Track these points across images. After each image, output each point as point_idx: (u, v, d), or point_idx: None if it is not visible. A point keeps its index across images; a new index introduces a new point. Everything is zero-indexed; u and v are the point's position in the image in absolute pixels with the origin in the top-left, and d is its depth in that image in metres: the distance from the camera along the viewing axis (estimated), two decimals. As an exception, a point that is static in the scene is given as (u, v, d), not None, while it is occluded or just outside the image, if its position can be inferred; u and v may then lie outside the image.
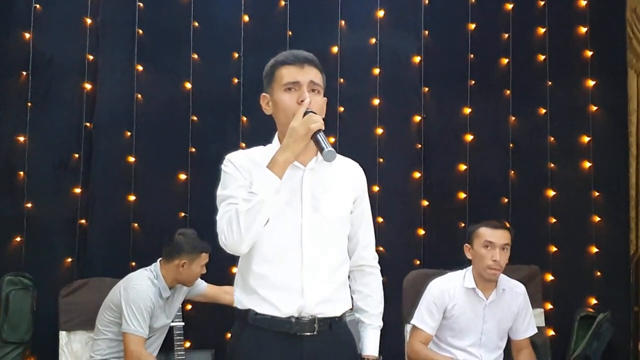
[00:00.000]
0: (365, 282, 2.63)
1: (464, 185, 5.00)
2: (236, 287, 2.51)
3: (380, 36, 4.97)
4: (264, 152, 2.50)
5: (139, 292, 3.80)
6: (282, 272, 2.39)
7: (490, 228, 3.76)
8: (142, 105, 4.66)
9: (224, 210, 2.36)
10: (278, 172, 2.30)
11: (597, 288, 5.11)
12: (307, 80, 2.42)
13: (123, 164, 4.61)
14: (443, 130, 5.04)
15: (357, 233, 2.59)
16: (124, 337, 3.79)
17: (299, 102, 2.38)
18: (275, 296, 2.38)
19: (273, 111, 2.51)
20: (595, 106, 5.22)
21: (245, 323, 2.43)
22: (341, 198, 2.51)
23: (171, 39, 4.75)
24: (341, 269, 2.51)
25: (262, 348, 2.39)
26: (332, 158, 2.29)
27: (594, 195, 5.18)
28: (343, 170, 2.55)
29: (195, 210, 4.67)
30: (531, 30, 5.22)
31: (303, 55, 2.47)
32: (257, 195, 2.27)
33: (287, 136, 2.33)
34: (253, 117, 4.77)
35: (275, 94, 2.47)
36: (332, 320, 2.45)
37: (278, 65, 2.48)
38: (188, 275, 3.95)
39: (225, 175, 2.46)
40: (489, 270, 3.71)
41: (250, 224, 2.27)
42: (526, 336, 3.92)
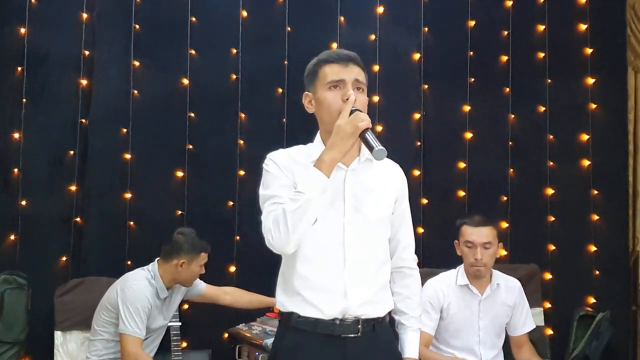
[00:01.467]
0: (405, 284, 2.60)
1: (464, 184, 4.97)
2: (278, 288, 2.49)
3: (379, 33, 4.92)
4: (305, 151, 2.48)
5: (136, 293, 3.75)
6: (325, 274, 2.38)
7: (471, 226, 3.75)
8: (139, 101, 4.60)
9: (268, 210, 2.33)
10: (325, 171, 2.28)
11: (595, 287, 5.10)
12: (352, 78, 2.39)
13: (119, 161, 4.55)
14: (442, 127, 5.01)
15: (397, 234, 2.56)
16: (121, 338, 3.74)
17: (344, 100, 2.35)
18: (319, 298, 2.37)
19: (316, 110, 2.46)
20: (595, 104, 5.19)
21: (288, 326, 2.42)
22: (383, 199, 2.48)
23: (168, 34, 4.69)
24: (383, 270, 2.49)
25: (306, 350, 2.38)
26: (382, 156, 2.26)
27: (593, 194, 5.15)
28: (384, 171, 2.53)
29: (192, 208, 4.63)
30: (531, 28, 5.19)
31: (346, 53, 2.45)
32: (304, 195, 2.24)
33: (333, 134, 2.30)
34: (251, 114, 4.74)
35: (319, 92, 2.42)
36: (375, 321, 2.43)
37: (321, 64, 2.44)
38: (187, 275, 3.90)
39: (267, 175, 2.43)
40: (472, 268, 3.72)
41: (297, 223, 2.24)
42: (524, 332, 3.90)
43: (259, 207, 4.71)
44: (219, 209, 4.67)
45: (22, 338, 4.23)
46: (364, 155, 2.46)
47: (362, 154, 2.46)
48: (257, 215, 4.70)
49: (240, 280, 4.62)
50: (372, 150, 2.26)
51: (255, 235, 4.62)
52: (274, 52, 4.79)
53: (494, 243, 3.75)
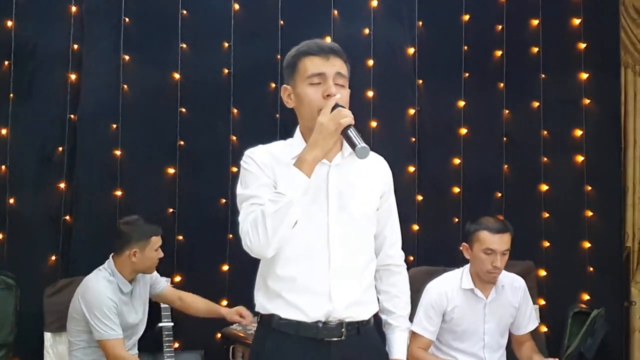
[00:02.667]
0: (392, 282, 2.51)
1: (459, 180, 4.92)
2: (257, 291, 2.40)
3: (373, 27, 4.84)
4: (285, 148, 2.39)
5: (96, 296, 3.65)
6: (309, 275, 2.28)
7: (492, 233, 3.58)
8: (129, 96, 4.49)
9: (247, 212, 2.24)
10: (307, 171, 2.18)
11: (590, 284, 5.07)
12: (333, 72, 2.29)
13: (109, 158, 4.45)
14: (437, 123, 4.95)
15: (383, 230, 2.48)
16: (101, 345, 3.65)
17: (325, 96, 2.25)
18: (302, 300, 2.28)
19: (295, 105, 2.37)
20: (589, 99, 5.16)
21: (269, 328, 2.32)
22: (368, 195, 2.40)
23: (159, 28, 4.59)
24: (368, 269, 2.41)
25: (288, 354, 2.29)
26: (365, 155, 2.17)
27: (587, 190, 5.12)
28: (369, 165, 2.42)
29: (184, 206, 4.54)
30: (525, 22, 5.13)
31: (328, 45, 2.35)
32: (284, 196, 2.15)
33: (315, 132, 2.19)
34: (244, 109, 4.66)
35: (299, 87, 2.33)
36: (360, 324, 2.35)
37: (301, 56, 2.34)
38: (144, 262, 3.78)
39: (246, 173, 2.33)
40: (489, 275, 3.60)
41: (277, 226, 2.15)
42: (527, 330, 3.84)
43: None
44: (211, 206, 4.58)
45: (11, 340, 4.13)
46: (347, 149, 2.35)
47: (345, 148, 2.35)
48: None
49: (233, 279, 4.54)
50: (354, 148, 2.17)
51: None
52: (267, 46, 4.69)
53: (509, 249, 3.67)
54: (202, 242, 4.56)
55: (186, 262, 4.49)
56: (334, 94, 2.25)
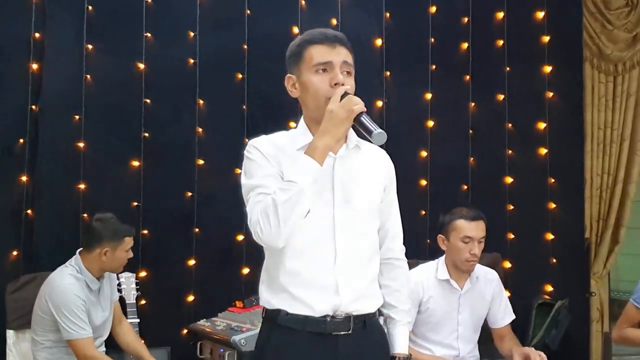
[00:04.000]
0: (393, 276, 2.48)
1: (426, 172, 4.92)
2: (262, 285, 2.36)
3: (341, 17, 4.81)
4: (289, 138, 2.34)
5: (64, 294, 3.54)
6: (315, 269, 2.25)
7: (468, 221, 3.62)
8: (92, 87, 4.36)
9: (255, 201, 2.19)
10: (318, 158, 2.14)
11: (553, 275, 5.14)
12: (340, 61, 2.25)
13: (72, 150, 4.32)
14: (405, 115, 4.93)
15: (385, 223, 2.45)
16: (71, 345, 3.55)
17: (332, 85, 2.21)
18: (309, 295, 2.25)
19: (300, 94, 2.31)
20: (552, 92, 5.21)
21: (274, 324, 2.28)
22: (372, 188, 2.37)
23: (123, 17, 4.46)
24: (373, 263, 2.38)
25: (295, 350, 2.26)
26: (383, 140, 2.12)
27: (550, 182, 5.18)
28: (372, 158, 2.41)
29: (149, 199, 4.44)
30: (490, 15, 5.16)
31: (333, 33, 2.30)
32: (296, 184, 2.11)
33: (325, 120, 2.15)
34: (210, 100, 4.58)
35: (304, 76, 2.27)
36: (366, 317, 2.33)
37: (306, 45, 2.29)
38: (113, 262, 3.69)
39: (250, 163, 2.28)
40: (467, 263, 3.62)
41: (289, 215, 2.11)
42: (505, 323, 3.85)
43: (219, 197, 4.60)
44: (177, 200, 4.50)
45: (-29, 338, 3.99)
46: (351, 141, 2.33)
47: (350, 140, 2.33)
48: (217, 206, 4.59)
49: (199, 273, 4.48)
50: (370, 134, 2.12)
51: (216, 227, 4.56)
52: (233, 36, 4.62)
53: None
54: (167, 237, 4.46)
55: (151, 257, 4.40)
56: (342, 82, 2.21)
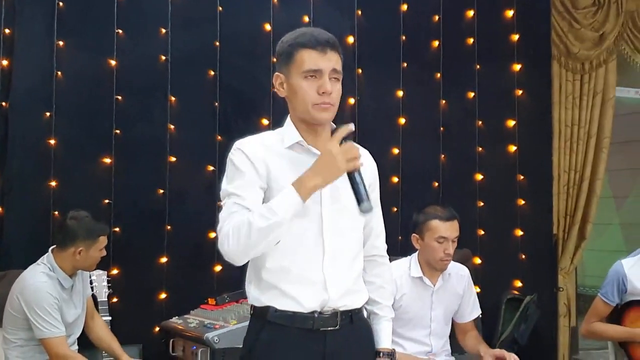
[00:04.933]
0: (377, 273, 2.50)
1: (397, 170, 4.95)
2: (249, 283, 2.36)
3: (313, 15, 4.81)
4: (276, 137, 2.34)
5: (36, 292, 3.50)
6: (304, 265, 2.27)
7: (443, 221, 3.63)
8: (63, 83, 4.32)
9: (229, 210, 2.19)
10: (304, 196, 2.15)
11: (522, 271, 5.21)
12: (329, 68, 2.25)
13: (42, 147, 4.27)
14: (376, 113, 4.96)
15: (370, 221, 2.46)
16: (44, 344, 3.51)
17: (320, 93, 2.22)
18: (298, 291, 2.26)
19: (288, 95, 2.31)
20: (521, 90, 5.27)
21: (264, 320, 2.29)
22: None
23: (94, 13, 4.42)
24: (358, 259, 2.40)
25: (284, 346, 2.27)
26: (368, 212, 2.20)
27: (519, 179, 5.25)
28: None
29: (120, 197, 4.41)
30: (461, 13, 5.21)
31: (325, 38, 2.28)
32: (276, 215, 2.11)
33: (321, 160, 2.16)
34: (182, 97, 4.56)
35: (293, 79, 2.27)
36: (353, 312, 2.35)
37: (298, 47, 2.27)
38: (86, 261, 3.65)
39: (233, 167, 2.27)
40: (441, 262, 3.65)
41: (260, 241, 2.12)
42: (471, 319, 3.89)
43: (191, 194, 4.58)
44: (149, 197, 4.47)
45: (-60, 337, 3.94)
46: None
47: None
48: (189, 203, 4.58)
49: (171, 271, 4.46)
50: (359, 202, 2.18)
51: (187, 225, 4.54)
52: (205, 32, 4.61)
53: None
54: (139, 234, 4.44)
55: (123, 254, 4.36)
56: (329, 91, 2.23)
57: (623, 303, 3.80)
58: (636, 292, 3.73)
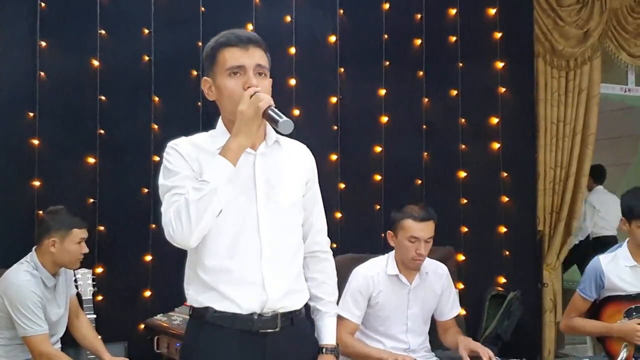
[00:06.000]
0: (320, 269, 2.52)
1: (380, 167, 4.99)
2: (188, 284, 2.36)
3: (295, 14, 4.84)
4: (208, 139, 2.35)
5: (20, 290, 3.52)
6: (241, 265, 2.26)
7: (416, 221, 3.62)
8: (46, 83, 4.35)
9: (170, 202, 2.21)
10: (232, 158, 2.17)
11: (506, 267, 5.25)
12: (253, 64, 2.26)
13: (26, 147, 4.30)
14: (359, 111, 4.99)
15: (309, 217, 2.48)
16: (27, 342, 3.53)
17: (245, 88, 2.22)
18: (236, 292, 2.26)
19: (217, 97, 2.33)
20: (504, 88, 5.31)
21: (202, 321, 2.29)
22: (294, 182, 2.40)
23: (76, 13, 4.43)
24: (298, 258, 2.41)
25: (223, 347, 2.28)
26: (289, 128, 2.14)
27: (503, 176, 5.29)
28: (293, 153, 2.43)
29: (104, 196, 4.43)
30: (443, 11, 5.24)
31: (246, 35, 2.30)
32: (208, 184, 2.13)
33: (237, 121, 2.18)
34: (165, 97, 4.58)
35: (219, 79, 2.29)
36: (293, 314, 2.36)
37: (219, 47, 2.28)
38: (63, 255, 3.64)
39: (168, 165, 2.29)
40: (413, 262, 3.66)
41: (201, 214, 2.13)
42: (451, 316, 3.90)
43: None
44: (133, 196, 4.49)
45: None
46: (271, 138, 2.36)
47: (269, 136, 2.36)
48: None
49: (156, 269, 4.49)
50: (277, 123, 2.15)
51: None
52: (188, 33, 4.62)
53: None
54: (123, 233, 4.47)
55: (107, 253, 4.40)
56: (254, 85, 2.23)
57: (601, 299, 3.84)
58: (613, 288, 3.76)
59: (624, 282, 3.75)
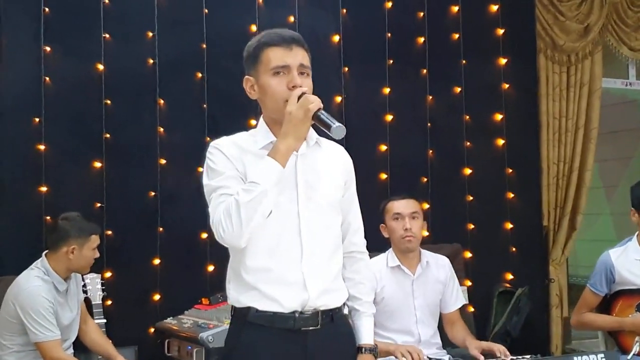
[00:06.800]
0: (356, 269, 2.53)
1: (385, 166, 4.98)
2: (229, 283, 2.39)
3: (298, 15, 4.84)
4: (250, 138, 2.38)
5: (31, 296, 3.51)
6: (282, 265, 2.29)
7: (396, 200, 3.80)
8: (51, 88, 4.34)
9: (217, 202, 2.23)
10: (281, 160, 2.19)
11: (513, 263, 5.25)
12: (297, 63, 2.28)
13: (32, 153, 4.29)
14: (363, 110, 4.99)
15: (347, 217, 2.49)
16: (39, 348, 3.53)
17: (290, 88, 2.25)
18: (277, 291, 2.28)
19: (259, 96, 2.35)
20: (507, 84, 5.32)
21: (244, 321, 2.31)
22: (333, 183, 2.42)
23: (80, 18, 4.43)
24: (337, 257, 2.42)
25: (265, 346, 2.29)
26: (342, 134, 2.17)
27: (508, 172, 5.29)
28: (332, 154, 2.46)
29: (112, 200, 4.42)
30: (445, 9, 5.24)
31: (290, 35, 2.33)
32: (258, 186, 2.15)
33: (285, 123, 2.20)
34: (170, 100, 4.58)
35: (262, 78, 2.31)
36: (333, 312, 2.37)
37: (263, 47, 2.31)
38: (80, 261, 3.66)
39: (212, 165, 2.31)
40: (404, 240, 3.71)
41: (251, 215, 2.15)
42: (456, 308, 3.92)
43: (182, 196, 4.61)
44: (140, 200, 4.49)
45: None
46: (311, 139, 2.38)
47: (310, 137, 2.37)
48: (180, 204, 4.60)
49: (164, 272, 4.49)
50: (329, 128, 2.16)
51: (179, 226, 4.57)
52: (192, 35, 4.63)
53: (420, 215, 3.79)
54: (131, 236, 4.46)
55: (116, 257, 4.38)
56: (299, 85, 2.25)
57: (612, 293, 3.85)
58: (624, 282, 3.78)
59: (635, 275, 3.77)
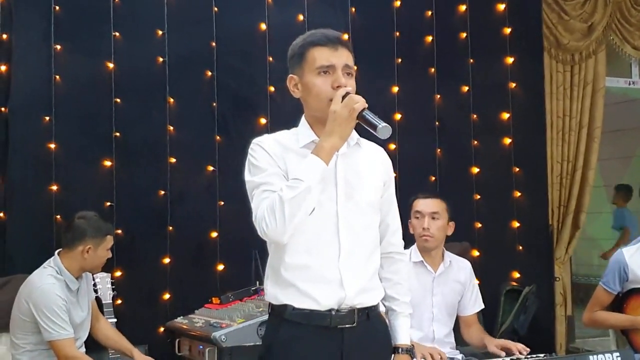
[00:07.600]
0: (394, 270, 2.54)
1: (394, 165, 4.90)
2: (267, 280, 2.40)
3: (307, 13, 4.84)
4: (292, 136, 2.40)
5: (45, 295, 3.50)
6: (320, 263, 2.30)
7: (419, 199, 3.84)
8: (61, 87, 4.33)
9: (260, 198, 2.25)
10: (325, 158, 2.21)
11: (520, 262, 5.26)
12: (342, 64, 2.31)
13: (43, 151, 4.28)
14: (373, 109, 4.93)
15: (386, 218, 2.50)
16: (53, 346, 3.52)
17: (334, 87, 2.27)
18: (315, 289, 2.30)
19: (302, 94, 2.37)
20: (514, 83, 5.33)
21: (281, 319, 2.33)
22: (373, 184, 2.43)
23: (90, 17, 4.43)
24: (374, 257, 2.44)
25: (302, 343, 2.31)
26: (388, 133, 2.20)
27: (515, 171, 5.30)
28: (371, 154, 2.48)
29: (122, 199, 4.42)
30: (453, 8, 5.26)
31: (335, 35, 2.36)
32: (302, 182, 2.17)
33: (330, 121, 2.22)
34: (180, 98, 4.57)
35: (307, 77, 2.33)
36: (369, 310, 2.39)
37: (309, 46, 2.35)
38: (94, 261, 3.65)
39: (255, 161, 2.33)
40: (421, 238, 3.75)
41: (295, 212, 2.17)
42: (474, 311, 3.94)
43: (192, 195, 4.60)
44: (150, 198, 4.49)
45: (-54, 342, 3.94)
46: (352, 139, 2.40)
47: (351, 137, 2.38)
48: (190, 203, 4.60)
49: (174, 271, 4.48)
50: (375, 128, 2.19)
51: (189, 225, 4.56)
52: (201, 33, 4.63)
53: (443, 216, 3.80)
54: (141, 235, 4.46)
55: (126, 256, 4.36)
56: (344, 84, 2.28)
57: (624, 291, 3.86)
58: (637, 280, 3.78)
59: (648, 273, 3.78)
